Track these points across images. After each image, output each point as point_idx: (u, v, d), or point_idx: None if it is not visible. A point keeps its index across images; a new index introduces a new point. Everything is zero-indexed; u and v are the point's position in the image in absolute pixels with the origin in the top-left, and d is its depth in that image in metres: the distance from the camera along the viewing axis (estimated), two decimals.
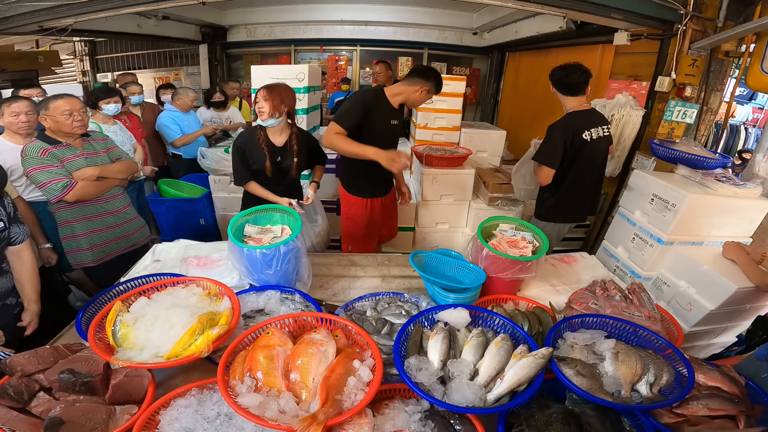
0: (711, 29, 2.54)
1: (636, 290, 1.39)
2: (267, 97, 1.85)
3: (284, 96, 1.89)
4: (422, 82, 1.97)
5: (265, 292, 1.33)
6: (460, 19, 5.51)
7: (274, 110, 1.85)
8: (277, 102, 1.86)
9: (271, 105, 1.85)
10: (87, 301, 1.31)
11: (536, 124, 4.50)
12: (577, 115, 2.05)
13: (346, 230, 2.32)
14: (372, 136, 1.95)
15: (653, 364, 1.00)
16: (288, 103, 1.92)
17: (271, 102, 1.85)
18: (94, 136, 2.05)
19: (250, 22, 5.63)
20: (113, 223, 2.03)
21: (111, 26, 4.14)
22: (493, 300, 1.39)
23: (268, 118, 1.86)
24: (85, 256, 1.97)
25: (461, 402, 0.90)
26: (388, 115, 2.04)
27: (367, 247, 2.32)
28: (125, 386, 0.96)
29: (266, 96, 1.85)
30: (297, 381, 0.91)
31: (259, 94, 1.86)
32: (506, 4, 2.62)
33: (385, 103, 2.02)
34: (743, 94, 6.22)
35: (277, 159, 1.97)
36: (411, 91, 2.00)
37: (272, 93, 1.86)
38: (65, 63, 6.34)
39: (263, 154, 1.93)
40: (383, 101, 2.02)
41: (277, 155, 1.97)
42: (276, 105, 1.85)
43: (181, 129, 3.45)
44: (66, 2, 2.78)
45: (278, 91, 1.87)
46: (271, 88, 1.87)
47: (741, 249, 1.68)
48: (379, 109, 1.99)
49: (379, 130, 1.99)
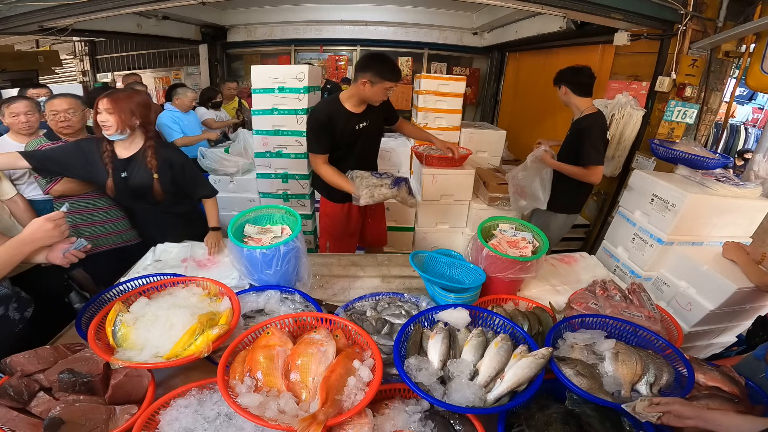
0: (711, 29, 2.54)
1: (636, 290, 1.39)
2: (112, 110, 1.57)
3: (136, 108, 1.63)
4: (360, 75, 1.80)
5: (265, 292, 1.33)
6: (460, 19, 5.51)
7: (122, 125, 1.60)
8: (126, 116, 1.60)
9: (117, 119, 1.58)
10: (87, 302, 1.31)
11: (536, 124, 4.51)
12: (600, 116, 2.15)
13: (324, 228, 2.28)
14: (341, 146, 1.91)
15: (653, 364, 1.00)
16: (141, 115, 1.66)
17: (118, 116, 1.58)
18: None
19: (250, 22, 5.64)
20: (102, 218, 2.03)
21: (111, 26, 4.14)
22: (493, 300, 1.39)
23: (114, 134, 1.61)
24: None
25: (461, 402, 0.90)
26: (349, 121, 1.91)
27: (346, 246, 2.27)
28: (125, 386, 0.96)
29: (110, 108, 1.57)
30: (297, 381, 0.91)
31: (101, 104, 1.57)
32: (506, 4, 2.62)
33: (341, 110, 1.90)
34: (743, 94, 6.22)
35: (122, 174, 1.70)
36: (357, 90, 1.84)
37: (118, 104, 1.58)
38: (65, 63, 6.35)
39: (105, 170, 1.67)
40: (339, 109, 1.90)
41: (121, 170, 1.69)
42: (125, 119, 1.59)
43: (181, 129, 3.45)
44: (66, 2, 2.78)
45: (128, 103, 1.61)
46: (118, 99, 1.59)
47: (741, 249, 1.68)
48: (338, 119, 1.88)
49: (346, 139, 1.92)
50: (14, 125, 2.04)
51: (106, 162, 1.68)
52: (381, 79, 1.77)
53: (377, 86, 1.79)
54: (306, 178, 2.92)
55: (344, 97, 1.91)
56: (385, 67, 1.78)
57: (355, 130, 1.94)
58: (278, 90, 2.65)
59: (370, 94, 1.83)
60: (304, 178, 2.91)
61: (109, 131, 1.60)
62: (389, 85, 1.80)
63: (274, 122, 2.74)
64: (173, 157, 1.79)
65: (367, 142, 2.04)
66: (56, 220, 1.25)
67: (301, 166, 2.88)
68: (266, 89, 2.66)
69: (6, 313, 1.37)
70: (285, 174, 2.91)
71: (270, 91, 2.66)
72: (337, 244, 2.27)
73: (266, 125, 2.75)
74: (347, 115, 1.91)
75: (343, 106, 1.90)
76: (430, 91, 2.94)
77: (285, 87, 2.64)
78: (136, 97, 1.65)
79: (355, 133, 1.94)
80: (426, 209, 2.82)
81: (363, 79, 1.79)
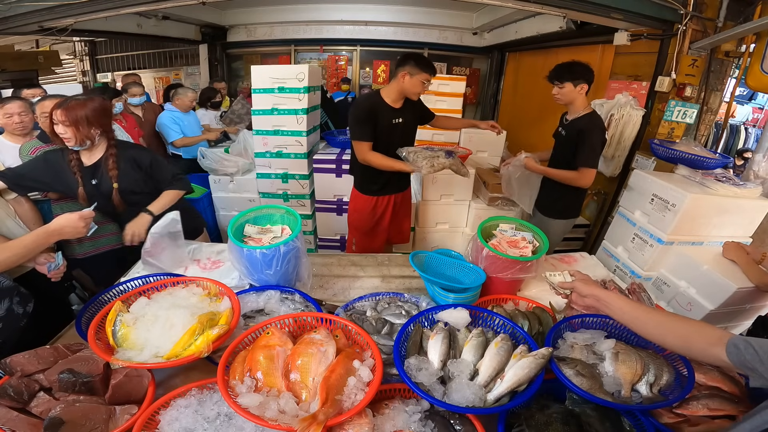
0: (711, 29, 2.54)
1: (636, 290, 1.39)
2: (68, 122, 1.50)
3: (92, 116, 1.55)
4: (400, 69, 1.98)
5: (265, 292, 1.33)
6: (460, 19, 5.51)
7: (81, 137, 1.54)
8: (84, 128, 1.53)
9: (74, 131, 1.52)
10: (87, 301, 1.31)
11: (536, 124, 4.51)
12: (599, 117, 2.10)
13: (352, 223, 2.36)
14: (379, 137, 2.02)
15: (653, 364, 1.00)
16: (100, 124, 1.59)
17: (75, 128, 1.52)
18: None
19: (250, 22, 5.64)
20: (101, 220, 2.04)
21: (111, 26, 4.14)
22: (493, 300, 1.39)
23: (75, 146, 1.57)
24: (73, 248, 1.99)
25: (461, 402, 0.90)
26: (388, 115, 2.05)
27: (374, 243, 2.33)
28: (125, 386, 0.96)
29: (66, 120, 1.50)
30: (297, 381, 0.91)
31: (56, 116, 1.50)
32: (506, 4, 2.62)
33: (381, 102, 2.05)
34: (743, 94, 6.22)
35: (93, 182, 1.66)
36: (397, 84, 2.01)
37: (73, 115, 1.50)
38: (65, 63, 6.34)
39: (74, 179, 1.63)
40: (379, 101, 2.05)
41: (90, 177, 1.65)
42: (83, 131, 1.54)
43: (181, 129, 3.45)
44: (66, 2, 2.78)
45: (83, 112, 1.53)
46: (72, 109, 1.51)
47: (741, 249, 1.68)
48: (378, 111, 2.02)
49: (384, 131, 2.04)
50: (9, 126, 2.04)
51: (74, 171, 1.63)
52: (419, 70, 1.94)
53: (415, 77, 1.95)
54: (306, 178, 2.92)
55: (384, 92, 2.06)
56: (423, 60, 1.97)
57: (392, 123, 2.06)
58: (278, 90, 2.65)
59: (408, 85, 1.98)
60: (304, 178, 2.91)
61: (69, 143, 1.56)
62: (426, 77, 1.96)
63: (274, 122, 2.74)
64: (139, 157, 1.72)
65: (402, 137, 2.15)
66: (86, 219, 1.38)
67: (301, 166, 2.88)
68: (266, 89, 2.66)
69: (11, 305, 1.37)
70: (285, 174, 2.91)
71: (270, 91, 2.66)
72: (365, 239, 2.33)
73: (266, 125, 2.75)
74: (387, 108, 2.05)
75: (383, 100, 2.05)
76: (430, 91, 2.92)
77: (285, 87, 2.64)
78: (90, 104, 1.55)
79: (391, 126, 2.06)
80: (426, 209, 2.82)
81: (403, 71, 1.96)
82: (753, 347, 0.73)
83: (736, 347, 0.75)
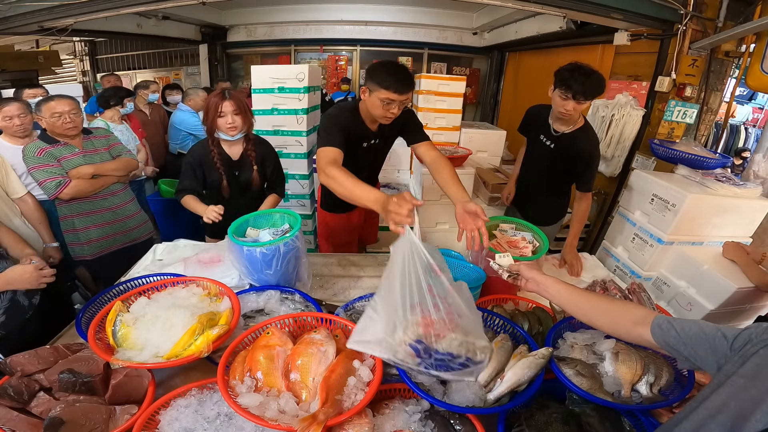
0: (711, 29, 2.54)
1: (636, 290, 1.39)
2: (237, 111, 1.67)
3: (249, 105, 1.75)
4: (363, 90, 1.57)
5: (265, 292, 1.33)
6: (460, 19, 5.52)
7: (249, 124, 1.72)
8: (249, 114, 1.70)
9: (243, 119, 1.68)
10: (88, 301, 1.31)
11: None
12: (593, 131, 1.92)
13: (324, 236, 2.16)
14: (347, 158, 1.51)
15: (653, 364, 1.00)
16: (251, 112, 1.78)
17: (243, 116, 1.68)
18: (96, 133, 2.06)
19: (250, 22, 5.64)
20: (111, 219, 2.04)
21: (111, 26, 4.15)
22: (493, 300, 1.39)
23: (240, 132, 1.73)
24: (83, 249, 2.00)
25: (461, 402, 0.90)
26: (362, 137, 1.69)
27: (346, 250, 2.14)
28: (125, 386, 0.96)
29: (235, 109, 1.66)
30: (297, 381, 0.91)
31: (227, 107, 1.65)
32: (506, 4, 2.62)
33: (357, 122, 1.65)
34: (743, 94, 6.23)
35: (235, 173, 1.83)
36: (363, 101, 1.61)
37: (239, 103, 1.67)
38: (65, 63, 6.34)
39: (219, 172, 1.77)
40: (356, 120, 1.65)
41: (235, 169, 1.83)
42: (247, 119, 1.70)
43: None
44: (66, 2, 2.78)
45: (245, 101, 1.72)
46: (236, 98, 1.68)
47: (741, 249, 1.69)
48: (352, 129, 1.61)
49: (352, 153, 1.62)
50: (9, 128, 2.04)
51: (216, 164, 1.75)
52: (378, 86, 1.46)
53: (374, 95, 1.49)
54: (306, 178, 2.92)
55: (363, 107, 1.64)
56: (388, 74, 1.45)
57: (363, 147, 1.72)
58: (278, 90, 2.65)
59: (369, 104, 1.55)
60: (304, 178, 2.91)
61: (233, 132, 1.69)
62: (386, 95, 1.45)
63: (274, 122, 2.74)
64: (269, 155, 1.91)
65: (374, 160, 1.88)
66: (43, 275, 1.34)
67: (301, 166, 2.88)
68: (266, 89, 2.66)
69: (15, 297, 1.38)
70: (285, 174, 2.90)
71: (270, 91, 2.66)
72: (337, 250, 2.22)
73: (266, 125, 2.75)
74: (362, 129, 1.67)
75: (361, 119, 1.65)
76: (430, 91, 2.94)
77: (285, 87, 2.64)
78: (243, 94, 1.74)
79: (362, 150, 1.72)
80: (426, 209, 2.82)
81: (363, 86, 1.56)
82: (675, 329, 0.72)
83: (660, 327, 0.75)
